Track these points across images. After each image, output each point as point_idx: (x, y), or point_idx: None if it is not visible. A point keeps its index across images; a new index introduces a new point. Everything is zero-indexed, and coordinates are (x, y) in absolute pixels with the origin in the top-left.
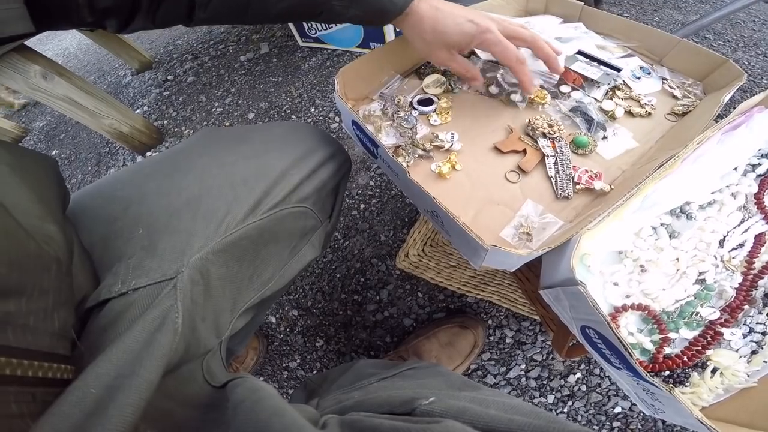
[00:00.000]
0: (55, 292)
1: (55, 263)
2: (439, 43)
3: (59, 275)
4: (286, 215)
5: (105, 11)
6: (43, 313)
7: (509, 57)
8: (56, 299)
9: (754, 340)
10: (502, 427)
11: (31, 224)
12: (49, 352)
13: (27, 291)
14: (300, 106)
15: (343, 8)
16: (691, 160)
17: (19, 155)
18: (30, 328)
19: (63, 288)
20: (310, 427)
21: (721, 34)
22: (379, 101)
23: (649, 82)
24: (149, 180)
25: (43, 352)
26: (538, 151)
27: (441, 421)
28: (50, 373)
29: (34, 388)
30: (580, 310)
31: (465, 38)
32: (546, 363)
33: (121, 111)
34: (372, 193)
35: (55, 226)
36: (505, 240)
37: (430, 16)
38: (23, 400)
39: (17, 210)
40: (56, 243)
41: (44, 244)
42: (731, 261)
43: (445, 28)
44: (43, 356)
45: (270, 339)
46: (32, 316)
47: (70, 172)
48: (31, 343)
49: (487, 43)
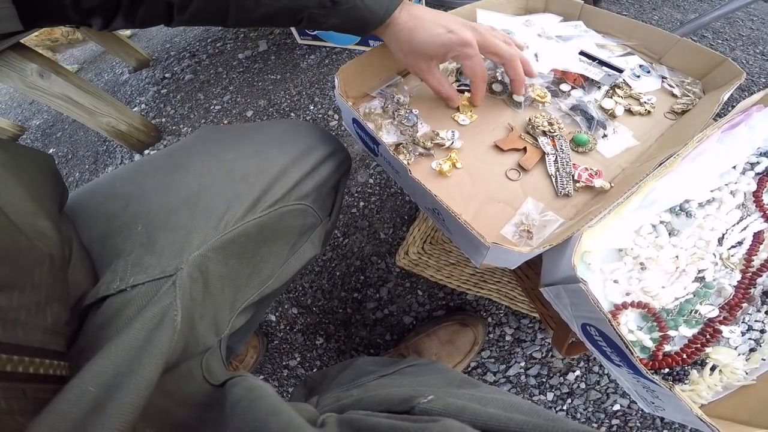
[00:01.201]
0: (48, 288)
1: (48, 259)
2: (416, 53)
3: (52, 271)
4: (285, 213)
5: (90, 11)
6: (35, 308)
7: (475, 74)
8: (49, 294)
9: (753, 337)
10: (501, 425)
11: (22, 221)
12: (41, 347)
13: (18, 286)
14: (299, 104)
15: (322, 16)
16: (691, 159)
17: (13, 153)
18: (21, 323)
19: (56, 284)
20: (307, 426)
21: (719, 32)
22: (379, 99)
23: (649, 80)
24: (148, 177)
25: (34, 347)
26: (539, 149)
27: (439, 420)
28: (42, 369)
29: (25, 384)
30: (581, 308)
31: (442, 49)
32: (545, 360)
33: (118, 109)
34: (372, 190)
35: (49, 222)
36: (505, 237)
37: (409, 27)
38: (13, 396)
39: (9, 207)
40: (49, 239)
41: (36, 240)
42: (730, 259)
43: (422, 39)
44: (34, 352)
45: (270, 337)
46: (23, 310)
47: (68, 170)
48: (21, 338)
49: (462, 56)
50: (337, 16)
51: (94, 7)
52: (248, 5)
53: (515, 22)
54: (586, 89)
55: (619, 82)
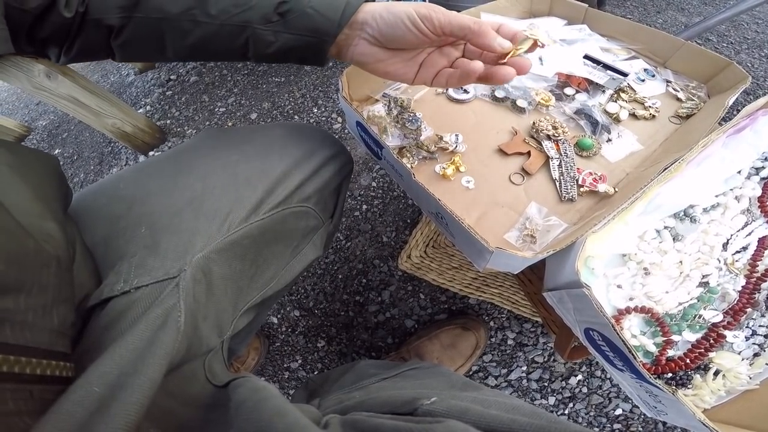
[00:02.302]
0: (55, 289)
1: (55, 261)
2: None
3: (59, 272)
4: (288, 215)
5: (44, 41)
6: (42, 310)
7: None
8: (55, 296)
9: (757, 342)
10: (504, 427)
11: (30, 222)
12: (48, 349)
13: (26, 288)
14: (303, 107)
15: (271, 34)
16: (696, 163)
17: (19, 154)
18: (28, 325)
19: (63, 285)
20: (313, 427)
21: (724, 35)
22: (383, 102)
23: (654, 84)
24: (152, 179)
25: (41, 349)
26: (543, 153)
27: (443, 421)
28: (48, 370)
29: (32, 385)
30: (584, 313)
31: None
32: (547, 365)
33: (124, 110)
34: (374, 194)
35: (55, 224)
36: (509, 242)
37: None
38: (20, 397)
39: (16, 209)
40: (56, 241)
41: (43, 242)
42: (734, 264)
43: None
44: (41, 353)
45: (271, 339)
46: (31, 312)
47: (73, 171)
48: (29, 340)
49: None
50: (287, 30)
51: (47, 38)
52: (184, 27)
53: (519, 26)
54: (590, 93)
55: (623, 86)
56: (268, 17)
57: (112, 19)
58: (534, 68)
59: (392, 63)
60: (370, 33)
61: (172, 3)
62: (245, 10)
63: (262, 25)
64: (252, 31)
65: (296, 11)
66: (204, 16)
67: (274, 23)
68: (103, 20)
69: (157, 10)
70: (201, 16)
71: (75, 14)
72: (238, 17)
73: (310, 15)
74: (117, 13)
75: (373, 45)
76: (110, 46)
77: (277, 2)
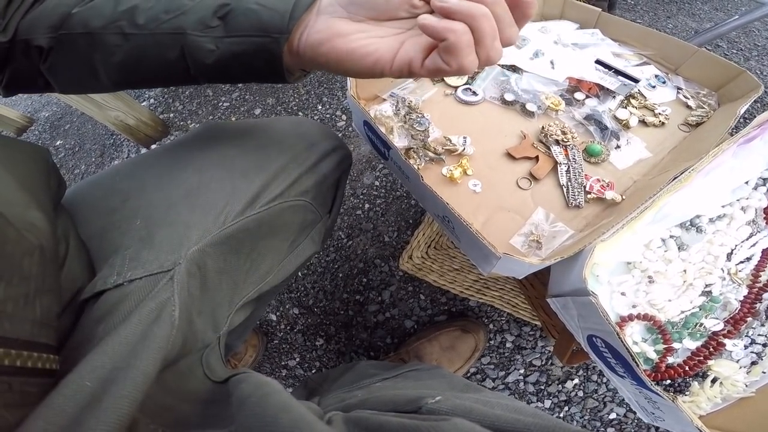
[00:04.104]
0: (37, 279)
1: (38, 250)
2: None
3: (43, 262)
4: (285, 208)
5: None
6: (24, 300)
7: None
8: (38, 286)
9: (755, 351)
10: (509, 426)
11: (11, 212)
12: (29, 340)
13: (5, 277)
14: (307, 103)
15: (210, 41)
16: (704, 173)
17: (3, 144)
18: (7, 315)
19: (47, 275)
20: (318, 422)
21: (734, 42)
22: (390, 102)
23: (664, 91)
24: (148, 172)
25: (21, 340)
26: (551, 159)
27: (450, 419)
28: (30, 362)
29: (11, 377)
30: (588, 320)
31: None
32: (545, 368)
33: (127, 103)
34: (377, 193)
35: (40, 213)
36: (514, 247)
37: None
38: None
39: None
40: (39, 230)
41: (25, 231)
42: (738, 274)
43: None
44: (21, 344)
45: (270, 337)
46: (10, 302)
47: (74, 162)
48: (8, 330)
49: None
50: (229, 34)
51: None
52: (111, 41)
53: (531, 29)
54: (600, 98)
55: (634, 92)
56: (206, 22)
57: (41, 39)
58: (545, 72)
59: (358, 38)
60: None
61: (96, 16)
62: (177, 16)
63: (198, 32)
64: (186, 39)
65: (238, 10)
66: (132, 27)
67: (214, 29)
68: (31, 41)
69: (81, 25)
70: (128, 28)
71: (12, 38)
72: (169, 24)
73: (255, 10)
74: (46, 32)
75: (335, 17)
76: (44, 83)
77: (217, 5)
